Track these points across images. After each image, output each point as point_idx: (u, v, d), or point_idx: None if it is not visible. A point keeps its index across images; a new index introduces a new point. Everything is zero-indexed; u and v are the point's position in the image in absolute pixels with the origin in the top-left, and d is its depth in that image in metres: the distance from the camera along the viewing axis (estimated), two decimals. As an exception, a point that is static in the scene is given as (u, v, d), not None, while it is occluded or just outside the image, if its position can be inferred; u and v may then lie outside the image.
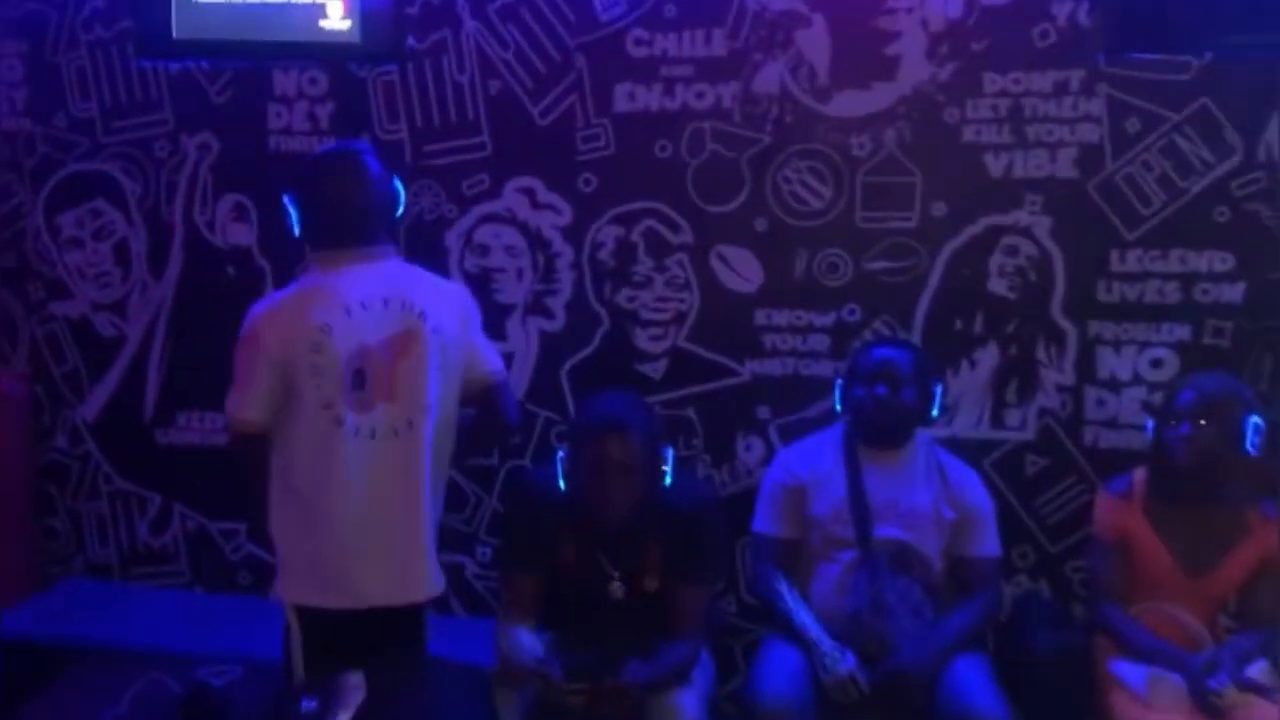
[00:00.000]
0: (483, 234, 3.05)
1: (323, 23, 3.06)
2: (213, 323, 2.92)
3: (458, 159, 3.04)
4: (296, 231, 2.27)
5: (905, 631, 2.45)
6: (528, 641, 2.32)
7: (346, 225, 2.21)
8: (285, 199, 2.26)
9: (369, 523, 2.17)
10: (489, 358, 2.34)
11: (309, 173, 2.28)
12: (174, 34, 3.08)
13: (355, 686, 2.04)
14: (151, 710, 2.41)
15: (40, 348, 3.27)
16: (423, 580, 2.24)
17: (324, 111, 3.09)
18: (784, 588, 2.55)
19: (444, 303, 2.26)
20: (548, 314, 3.04)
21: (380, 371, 2.16)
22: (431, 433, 2.20)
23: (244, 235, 3.14)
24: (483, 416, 2.36)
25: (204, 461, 3.19)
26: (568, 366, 3.04)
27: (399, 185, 2.32)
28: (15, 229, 3.25)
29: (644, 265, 2.99)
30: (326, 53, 3.07)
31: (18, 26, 3.19)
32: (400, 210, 2.34)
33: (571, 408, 3.01)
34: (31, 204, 3.24)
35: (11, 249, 3.25)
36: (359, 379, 2.15)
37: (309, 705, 2.04)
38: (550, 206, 3.02)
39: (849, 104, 2.89)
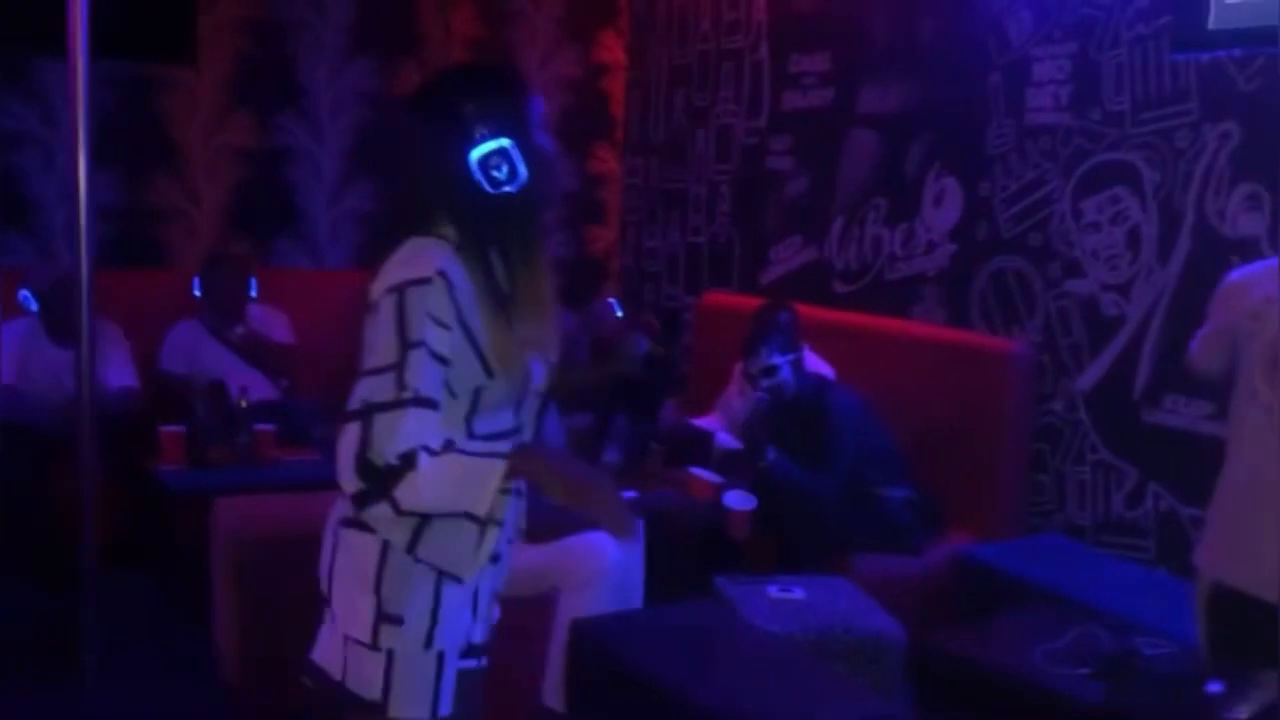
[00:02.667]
0: None
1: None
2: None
3: None
4: None
5: None
6: None
7: None
8: None
9: None
10: None
11: None
12: (1209, 25, 3.13)
13: (1266, 685, 1.98)
14: (1082, 655, 2.60)
15: (1052, 320, 3.62)
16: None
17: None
18: None
19: None
20: None
21: None
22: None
23: (1254, 226, 3.08)
24: None
25: (1185, 445, 3.23)
26: None
27: None
28: (1045, 213, 3.64)
29: None
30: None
31: (1069, 29, 3.54)
32: None
33: None
34: (1061, 190, 3.59)
35: (1040, 229, 3.65)
36: None
37: (1215, 688, 2.04)
38: None
39: None
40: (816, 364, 3.95)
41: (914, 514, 3.50)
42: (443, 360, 1.57)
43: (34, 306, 4.19)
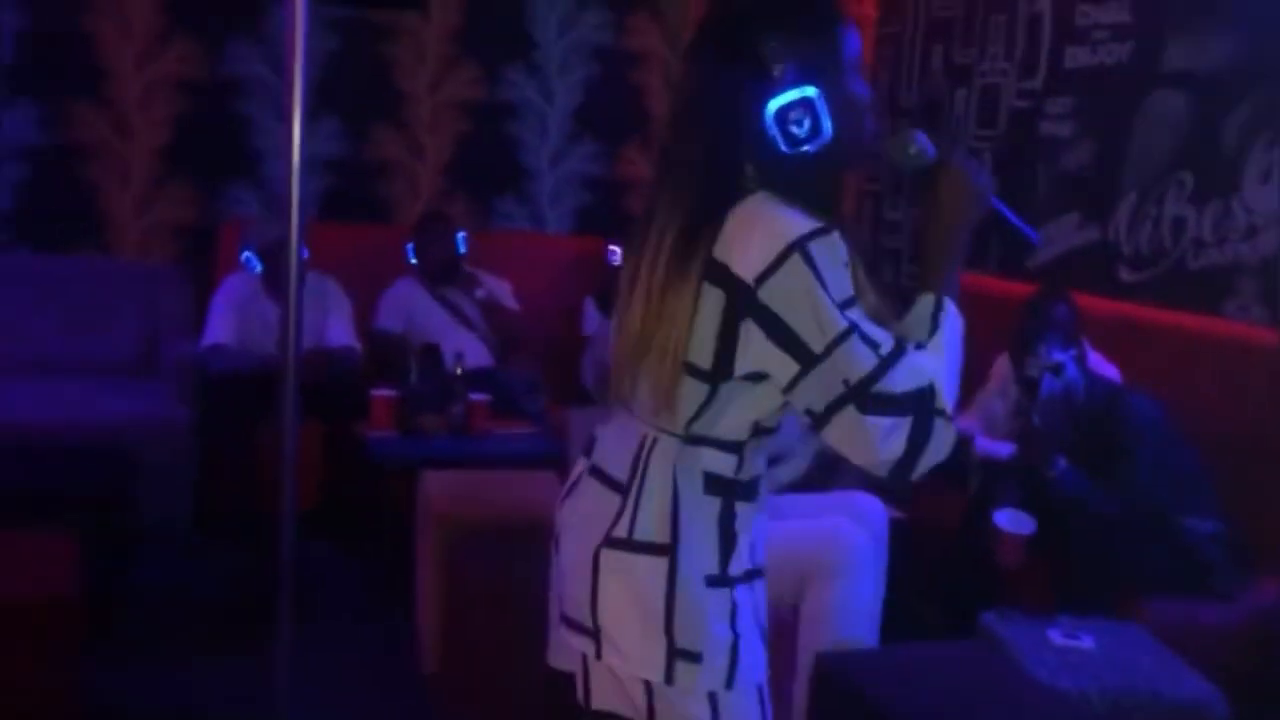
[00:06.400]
0: None
1: None
2: None
3: None
4: None
5: None
6: None
7: None
8: None
9: None
10: None
11: None
12: None
13: None
14: None
15: None
16: None
17: None
18: None
19: None
20: None
21: None
22: None
23: None
24: None
25: None
26: None
27: None
28: None
29: None
30: None
31: None
32: None
33: None
34: None
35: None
36: None
37: None
38: None
39: None
40: (1100, 364, 3.38)
41: (1225, 551, 2.91)
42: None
43: (257, 267, 4.05)
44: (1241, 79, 3.43)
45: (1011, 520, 2.90)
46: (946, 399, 1.35)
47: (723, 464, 1.42)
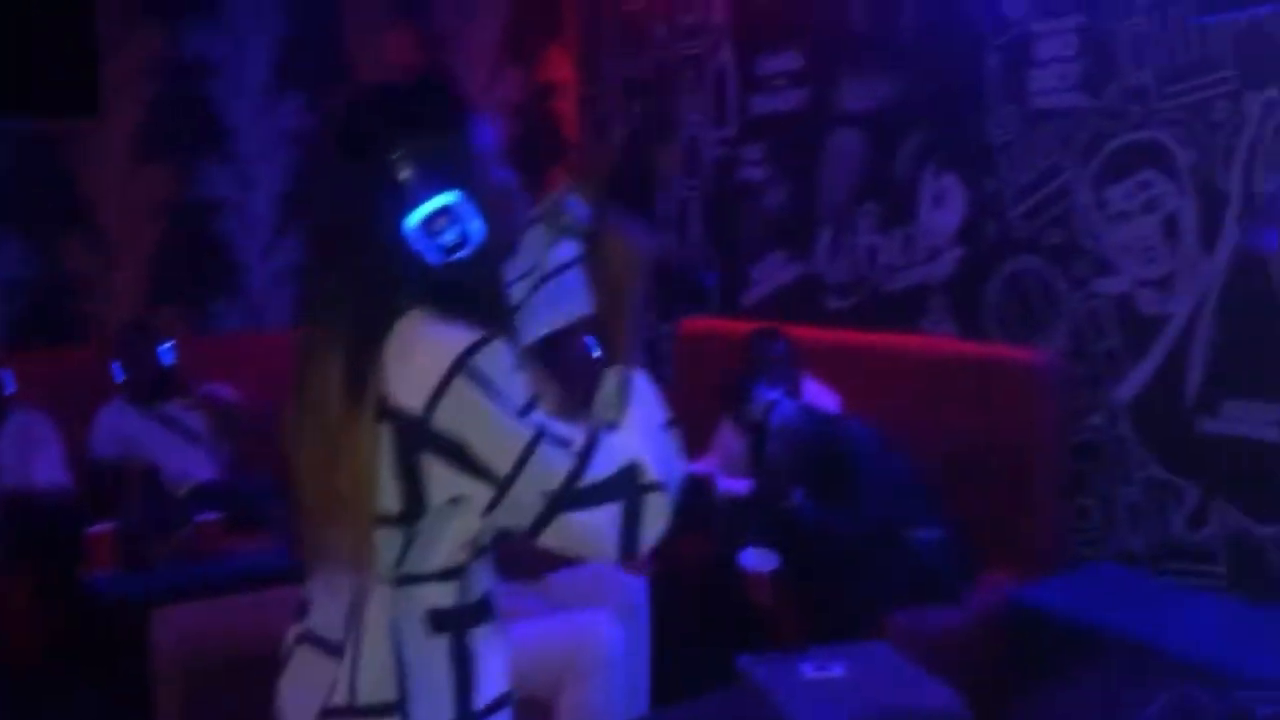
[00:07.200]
0: None
1: None
2: (1268, 303, 2.58)
3: None
4: None
5: None
6: None
7: None
8: None
9: None
10: None
11: None
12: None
13: None
14: (1185, 725, 2.21)
15: (1081, 324, 3.24)
16: None
17: None
18: None
19: None
20: None
21: None
22: None
23: (1315, 201, 2.72)
24: None
25: (1254, 455, 2.85)
26: None
27: None
28: (1063, 206, 3.26)
29: None
30: None
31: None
32: None
33: None
34: (1079, 179, 3.21)
35: (1059, 225, 3.27)
36: None
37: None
38: None
39: None
40: (819, 393, 3.55)
41: (950, 556, 3.10)
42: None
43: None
44: (906, 115, 3.70)
45: (755, 559, 2.98)
46: (654, 470, 1.30)
47: (445, 596, 1.32)
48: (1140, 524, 3.13)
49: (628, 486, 1.28)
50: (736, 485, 3.50)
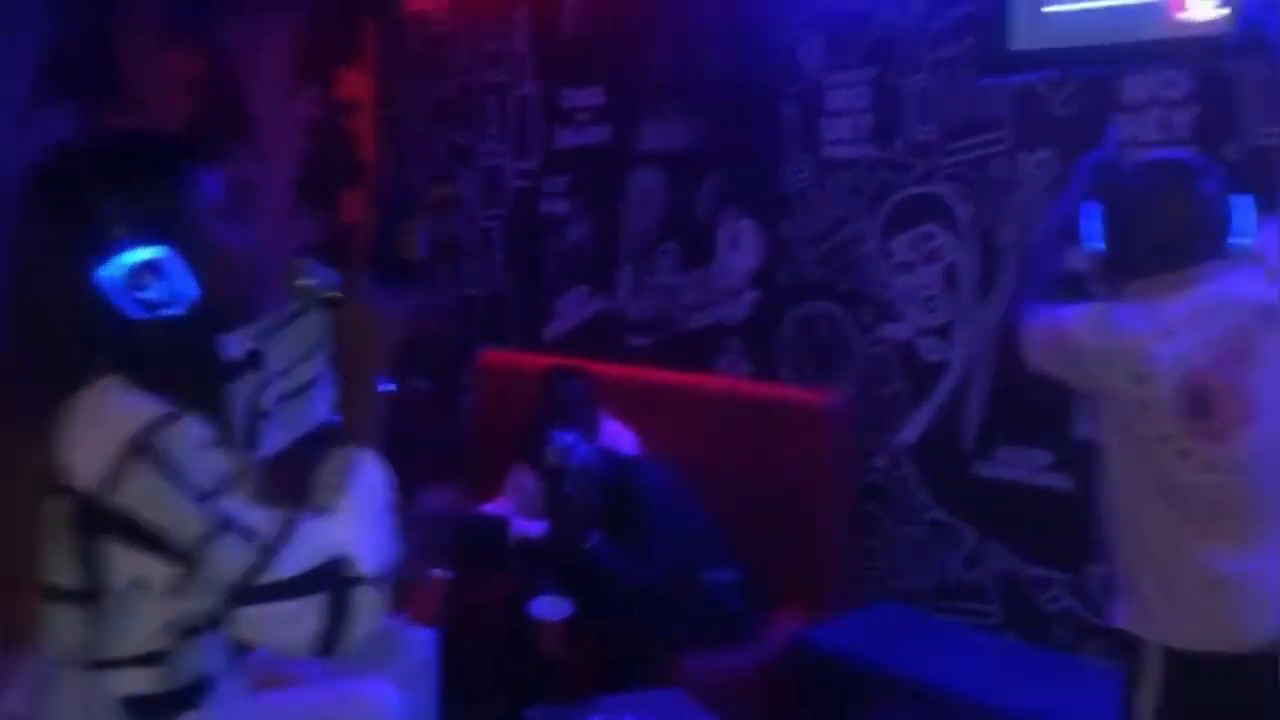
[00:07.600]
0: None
1: (1181, 15, 2.67)
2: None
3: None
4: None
5: None
6: None
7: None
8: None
9: None
10: None
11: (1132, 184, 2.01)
12: (1013, 46, 2.92)
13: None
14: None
15: (868, 369, 3.34)
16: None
17: (1183, 119, 2.69)
18: None
19: None
20: None
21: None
22: None
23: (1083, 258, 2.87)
24: None
25: (1024, 499, 2.99)
26: None
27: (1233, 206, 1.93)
28: (852, 253, 3.35)
29: None
30: (1186, 49, 2.68)
31: (866, 54, 3.27)
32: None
33: None
34: (868, 228, 3.31)
35: (849, 271, 3.37)
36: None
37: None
38: None
39: None
40: (617, 433, 3.53)
41: (743, 597, 3.12)
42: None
43: None
44: (706, 158, 3.74)
45: (547, 608, 2.92)
46: (364, 562, 1.25)
47: (144, 682, 1.24)
48: (922, 564, 3.24)
49: (332, 580, 1.22)
50: (531, 527, 3.44)
